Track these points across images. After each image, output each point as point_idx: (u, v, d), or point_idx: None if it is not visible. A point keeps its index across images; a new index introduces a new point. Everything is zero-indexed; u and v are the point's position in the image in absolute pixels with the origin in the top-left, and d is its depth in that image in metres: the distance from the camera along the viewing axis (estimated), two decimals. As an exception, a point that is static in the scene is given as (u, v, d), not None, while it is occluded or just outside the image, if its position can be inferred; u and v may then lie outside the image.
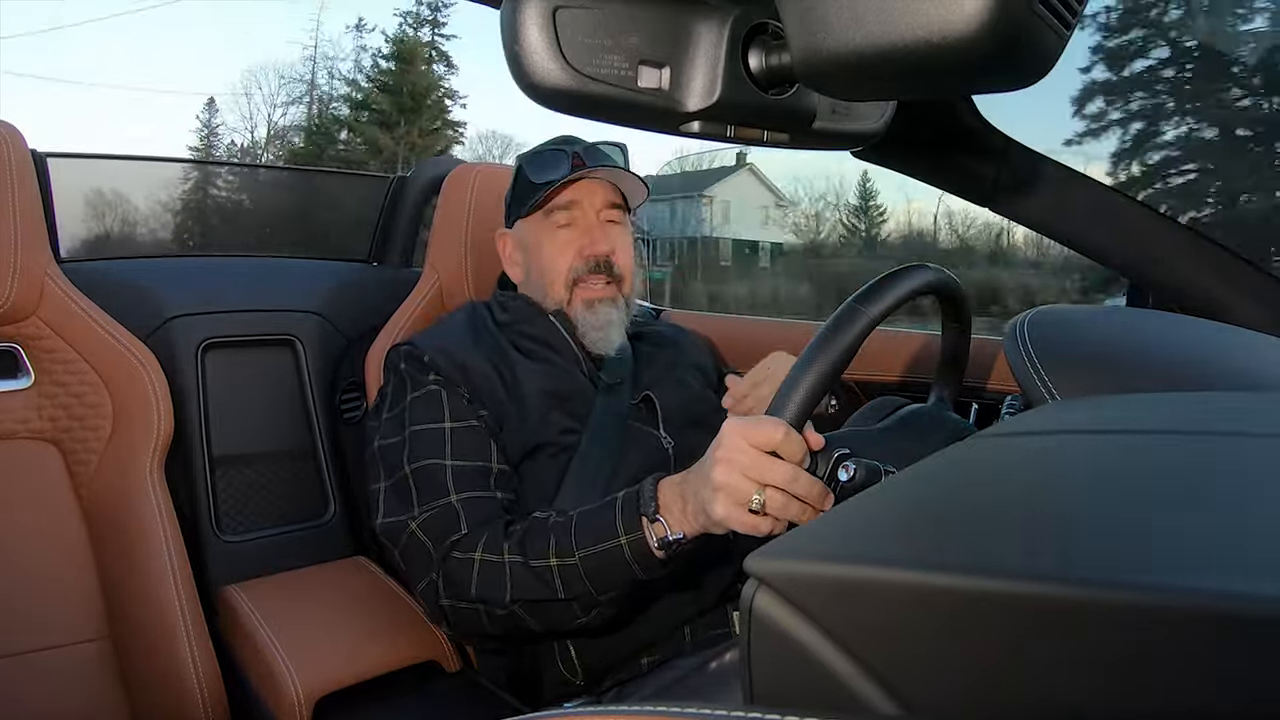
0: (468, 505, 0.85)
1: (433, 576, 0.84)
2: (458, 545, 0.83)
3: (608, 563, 0.75)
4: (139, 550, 1.02)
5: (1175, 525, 0.26)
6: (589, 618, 0.80)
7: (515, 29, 0.38)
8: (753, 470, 0.65)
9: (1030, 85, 0.33)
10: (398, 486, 0.89)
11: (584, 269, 0.98)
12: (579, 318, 0.99)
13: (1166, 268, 0.77)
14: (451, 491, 0.86)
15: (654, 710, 0.23)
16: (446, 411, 0.91)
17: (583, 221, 0.99)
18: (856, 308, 0.66)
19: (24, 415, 1.04)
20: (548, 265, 1.00)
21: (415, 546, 0.86)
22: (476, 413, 0.92)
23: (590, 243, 0.98)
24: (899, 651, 0.25)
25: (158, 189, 9.25)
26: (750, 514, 0.66)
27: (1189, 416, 0.40)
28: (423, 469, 0.88)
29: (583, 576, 0.77)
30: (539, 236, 1.01)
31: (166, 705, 1.00)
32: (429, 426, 0.90)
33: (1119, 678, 0.21)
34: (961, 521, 0.31)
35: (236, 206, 8.50)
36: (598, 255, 0.98)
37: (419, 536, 0.85)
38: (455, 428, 0.90)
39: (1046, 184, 0.79)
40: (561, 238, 0.99)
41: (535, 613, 0.80)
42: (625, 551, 0.74)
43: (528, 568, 0.79)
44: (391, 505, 0.89)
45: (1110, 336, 0.60)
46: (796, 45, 0.34)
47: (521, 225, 1.03)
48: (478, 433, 0.91)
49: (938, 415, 0.80)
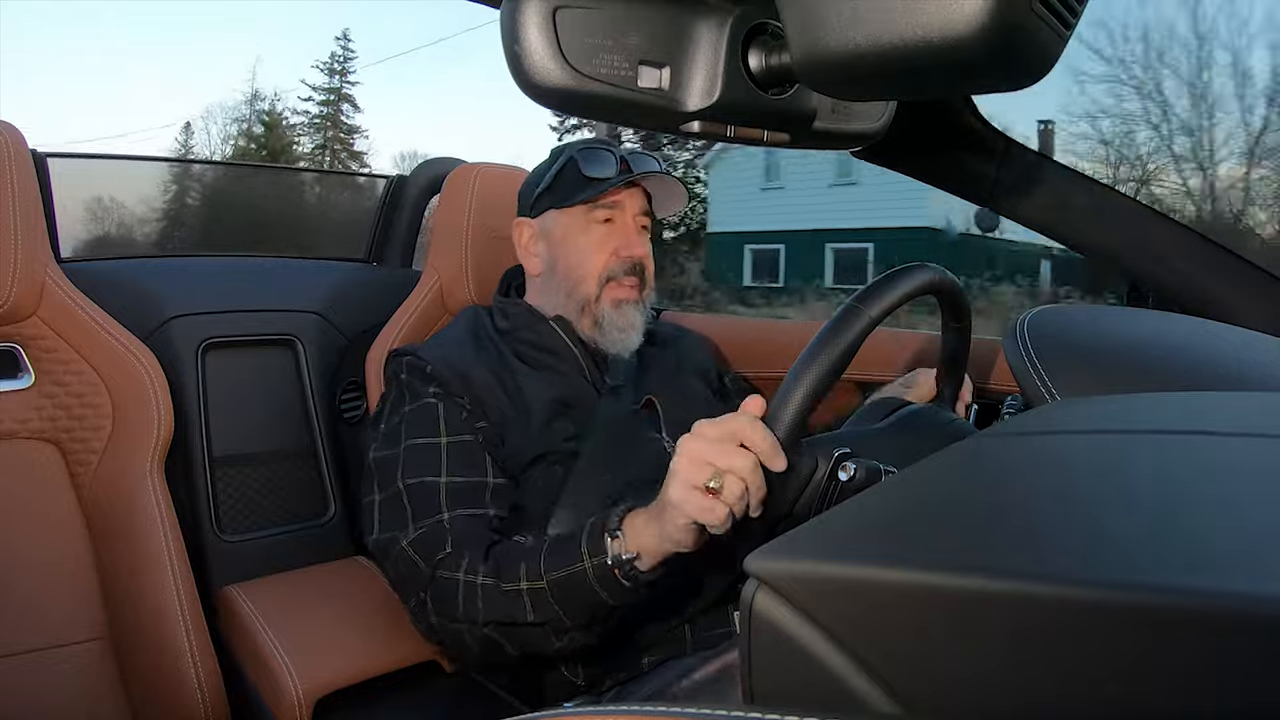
0: (457, 523, 0.85)
1: (421, 595, 0.84)
2: (443, 564, 0.83)
3: (574, 586, 0.76)
4: (139, 550, 1.02)
5: (1175, 525, 0.26)
6: (562, 643, 0.80)
7: (515, 29, 0.38)
8: (713, 453, 0.65)
9: (1030, 85, 0.33)
10: (390, 502, 0.89)
11: (620, 270, 0.99)
12: (605, 315, 0.98)
13: (1166, 267, 0.77)
14: (444, 509, 0.86)
15: (654, 710, 0.23)
16: (443, 426, 0.91)
17: (622, 223, 1.00)
18: (857, 308, 0.66)
19: (24, 415, 1.04)
20: (581, 260, 0.99)
21: (406, 564, 0.86)
22: (475, 425, 0.92)
23: (627, 245, 0.99)
24: (899, 651, 0.25)
25: (158, 188, 9.32)
26: (705, 494, 0.65)
27: (1189, 417, 0.40)
28: (416, 486, 0.88)
29: (551, 600, 0.77)
30: (572, 229, 1.00)
31: (166, 705, 1.00)
32: (424, 441, 0.90)
33: (1119, 678, 0.21)
34: (961, 521, 0.31)
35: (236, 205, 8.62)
36: (635, 258, 0.99)
37: (409, 554, 0.86)
38: (450, 442, 0.90)
39: (1046, 184, 0.79)
40: (598, 234, 0.99)
41: (509, 636, 0.81)
42: (589, 574, 0.75)
43: (499, 590, 0.79)
44: (384, 520, 0.90)
45: (1110, 336, 0.60)
46: (796, 45, 0.34)
47: (554, 216, 1.01)
48: (473, 447, 0.90)
49: (937, 415, 0.80)
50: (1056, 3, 0.29)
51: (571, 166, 1.00)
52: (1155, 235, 0.78)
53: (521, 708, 0.95)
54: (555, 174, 1.02)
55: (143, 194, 8.84)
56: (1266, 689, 0.20)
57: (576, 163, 1.00)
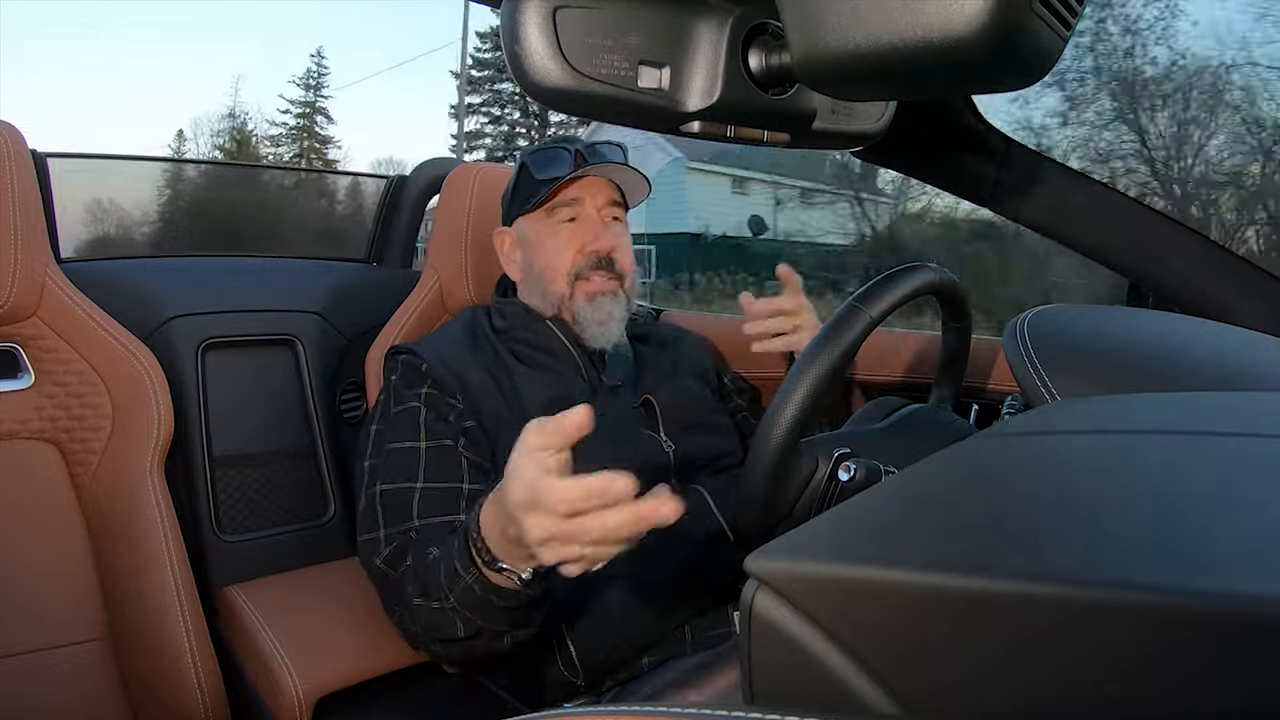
0: (425, 532, 0.85)
1: (398, 610, 0.85)
2: (404, 578, 0.83)
3: (474, 601, 0.74)
4: (139, 550, 1.02)
5: (1176, 525, 0.26)
6: (510, 641, 0.79)
7: (515, 29, 0.37)
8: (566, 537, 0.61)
9: (1030, 85, 0.33)
10: (369, 507, 0.90)
11: (586, 266, 0.98)
12: (580, 311, 0.98)
13: (1166, 267, 0.77)
14: (414, 516, 0.86)
15: (654, 710, 0.23)
16: (423, 431, 0.91)
17: (585, 218, 0.99)
18: (857, 308, 0.66)
19: (24, 415, 1.04)
20: (550, 261, 0.99)
21: (380, 579, 0.87)
22: (463, 424, 0.91)
23: (593, 239, 0.98)
24: (899, 651, 0.25)
25: (158, 188, 9.37)
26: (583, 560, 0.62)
27: (1189, 416, 0.40)
28: (391, 492, 0.88)
29: (469, 614, 0.75)
30: (540, 233, 1.00)
31: (166, 705, 1.00)
32: (403, 446, 0.90)
33: (1120, 678, 0.21)
34: (961, 521, 0.31)
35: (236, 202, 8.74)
36: (600, 251, 0.98)
37: (382, 569, 0.86)
38: (429, 447, 0.90)
39: (1046, 184, 0.79)
40: (564, 233, 0.99)
41: (467, 645, 0.80)
42: (476, 590, 0.72)
43: (432, 609, 0.78)
44: (364, 525, 0.90)
45: (1110, 336, 0.60)
46: (796, 45, 0.34)
47: (522, 222, 1.03)
48: (452, 452, 0.90)
49: (937, 415, 0.80)
50: (1056, 3, 0.29)
51: (525, 171, 1.01)
52: (1155, 235, 0.78)
53: (521, 708, 0.95)
54: (515, 182, 1.04)
55: (143, 194, 8.88)
56: (1268, 689, 0.20)
57: (528, 167, 1.01)
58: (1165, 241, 0.77)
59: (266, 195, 8.55)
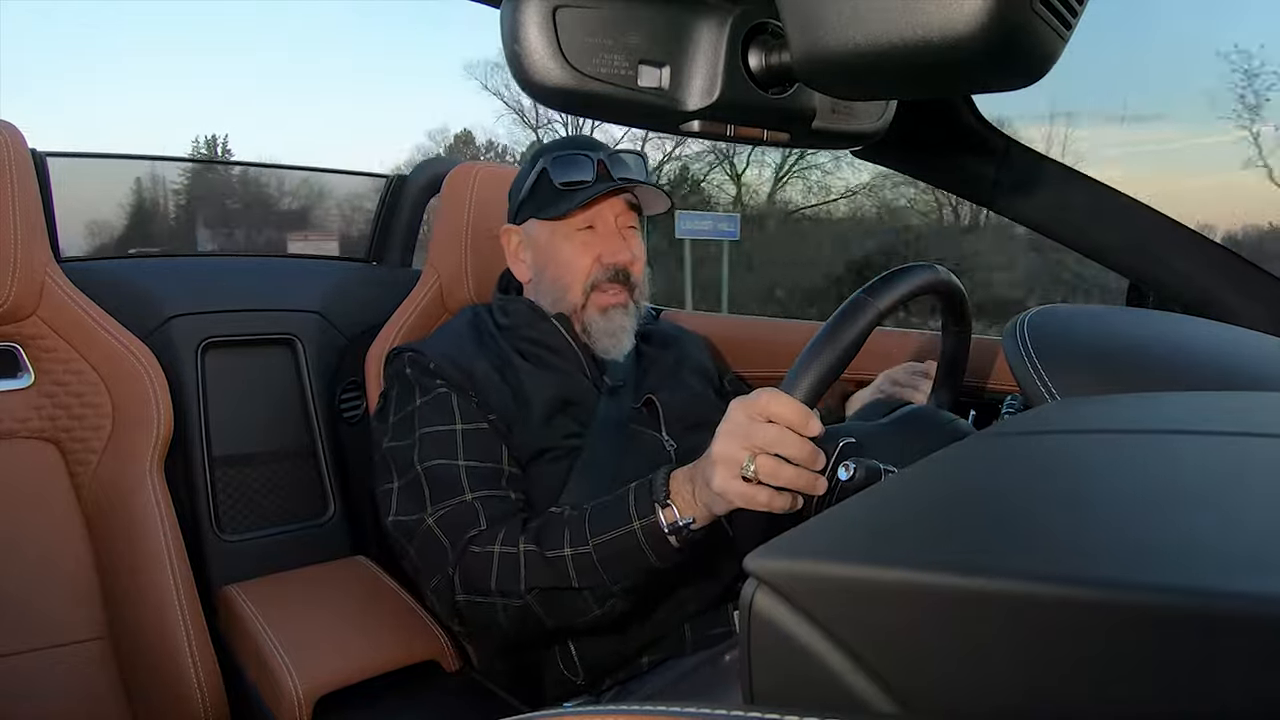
0: (484, 503, 0.85)
1: (448, 572, 0.84)
2: (475, 540, 0.83)
3: (621, 550, 0.76)
4: (139, 550, 1.02)
5: (1175, 525, 0.26)
6: (603, 609, 0.80)
7: (515, 29, 0.37)
8: (744, 437, 0.66)
9: (1030, 85, 0.33)
10: (410, 487, 0.89)
11: (603, 277, 0.98)
12: (592, 323, 0.98)
13: (1166, 267, 0.77)
14: (466, 490, 0.86)
15: (654, 710, 0.23)
16: (457, 414, 0.91)
17: (603, 228, 0.98)
18: (865, 299, 0.67)
19: (24, 415, 1.04)
20: (565, 269, 0.99)
21: (431, 543, 0.85)
22: (486, 415, 0.92)
23: (611, 251, 0.98)
24: (899, 651, 0.25)
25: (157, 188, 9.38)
26: (744, 482, 0.66)
27: (1189, 416, 0.40)
28: (436, 468, 0.88)
29: (596, 565, 0.77)
30: (555, 239, 0.99)
31: (166, 705, 1.00)
32: (440, 429, 0.90)
33: (1119, 678, 0.21)
34: (961, 521, 0.31)
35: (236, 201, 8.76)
36: (618, 264, 0.98)
37: (435, 533, 0.85)
38: (466, 429, 0.90)
39: (1046, 184, 0.79)
40: (580, 241, 0.98)
41: (549, 604, 0.80)
42: (638, 536, 0.75)
43: (543, 558, 0.79)
44: (404, 505, 0.89)
45: (1110, 336, 0.60)
46: (796, 44, 0.34)
47: (536, 224, 1.01)
48: (488, 435, 0.91)
49: (937, 415, 0.80)
50: (1056, 3, 0.29)
51: (545, 175, 0.99)
52: (1155, 235, 0.78)
53: (521, 708, 0.95)
54: (533, 183, 1.01)
55: (143, 194, 8.91)
56: (1268, 688, 0.20)
57: (548, 171, 0.98)
58: (1165, 241, 0.77)
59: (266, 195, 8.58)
